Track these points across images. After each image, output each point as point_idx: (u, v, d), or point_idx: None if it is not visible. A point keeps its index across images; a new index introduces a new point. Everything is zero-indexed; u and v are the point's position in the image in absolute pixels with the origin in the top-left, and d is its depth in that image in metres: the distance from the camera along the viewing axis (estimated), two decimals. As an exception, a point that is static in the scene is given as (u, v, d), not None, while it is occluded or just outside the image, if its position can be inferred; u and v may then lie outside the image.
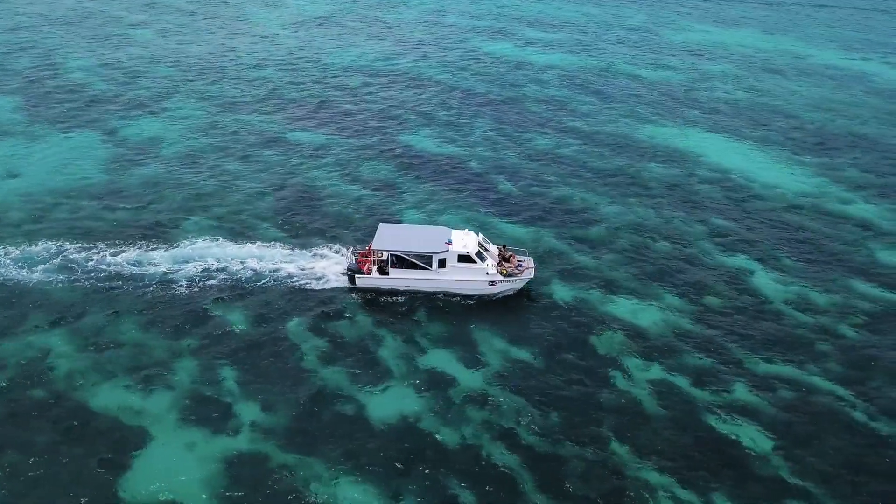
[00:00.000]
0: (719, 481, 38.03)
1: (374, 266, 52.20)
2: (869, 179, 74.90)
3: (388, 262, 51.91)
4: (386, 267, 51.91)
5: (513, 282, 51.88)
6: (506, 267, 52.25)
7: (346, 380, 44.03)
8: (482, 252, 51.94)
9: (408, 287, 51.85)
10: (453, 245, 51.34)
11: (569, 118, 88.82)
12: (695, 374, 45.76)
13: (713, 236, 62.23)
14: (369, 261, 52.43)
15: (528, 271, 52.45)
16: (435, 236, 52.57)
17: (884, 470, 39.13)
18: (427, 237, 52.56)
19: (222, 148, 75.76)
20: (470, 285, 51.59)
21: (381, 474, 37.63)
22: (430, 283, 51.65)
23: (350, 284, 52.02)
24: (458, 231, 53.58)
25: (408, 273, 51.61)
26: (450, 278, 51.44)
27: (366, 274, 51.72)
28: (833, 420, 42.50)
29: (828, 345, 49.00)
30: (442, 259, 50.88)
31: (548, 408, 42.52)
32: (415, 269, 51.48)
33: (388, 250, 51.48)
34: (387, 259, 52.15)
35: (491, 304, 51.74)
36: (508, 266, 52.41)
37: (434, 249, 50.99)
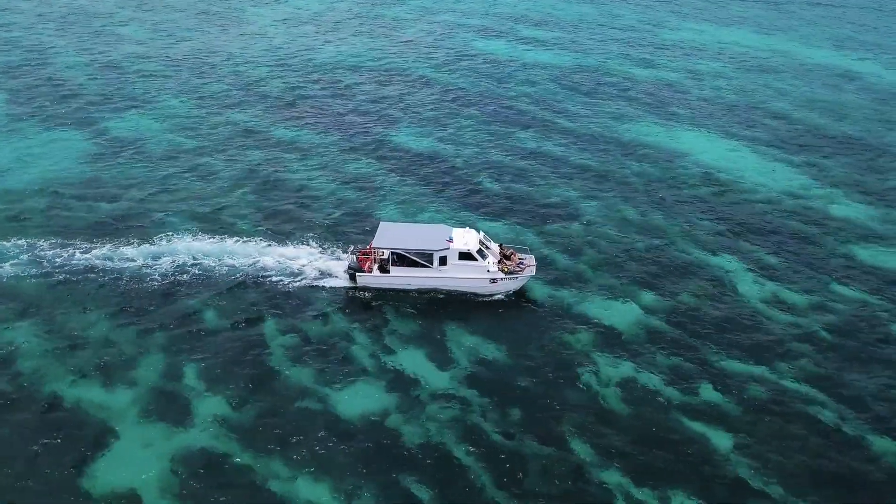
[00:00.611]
0: (679, 481, 37.81)
1: (374, 264, 51.92)
2: (855, 179, 74.46)
3: (389, 260, 51.63)
4: (387, 265, 51.67)
5: (514, 279, 51.71)
6: (507, 265, 52.06)
7: (314, 377, 43.96)
8: (483, 250, 51.78)
9: (409, 285, 51.66)
10: (454, 243, 51.14)
11: (556, 116, 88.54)
12: (664, 373, 45.53)
13: (693, 235, 61.93)
14: (370, 259, 52.19)
15: (530, 269, 52.28)
16: (436, 234, 52.42)
17: (847, 472, 38.88)
18: (428, 235, 52.40)
19: (203, 144, 75.76)
20: (471, 283, 51.42)
21: (340, 473, 37.53)
22: (431, 281, 51.48)
23: (351, 283, 51.81)
24: (459, 229, 53.39)
25: (409, 271, 51.46)
26: (451, 276, 51.26)
27: (367, 272, 51.52)
28: (800, 421, 42.23)
29: (801, 345, 48.71)
30: (443, 257, 50.73)
31: (514, 406, 42.37)
32: (416, 266, 51.27)
33: (390, 248, 51.27)
34: (387, 257, 51.87)
35: (468, 301, 51.55)
36: (509, 264, 52.23)
37: (435, 247, 50.83)
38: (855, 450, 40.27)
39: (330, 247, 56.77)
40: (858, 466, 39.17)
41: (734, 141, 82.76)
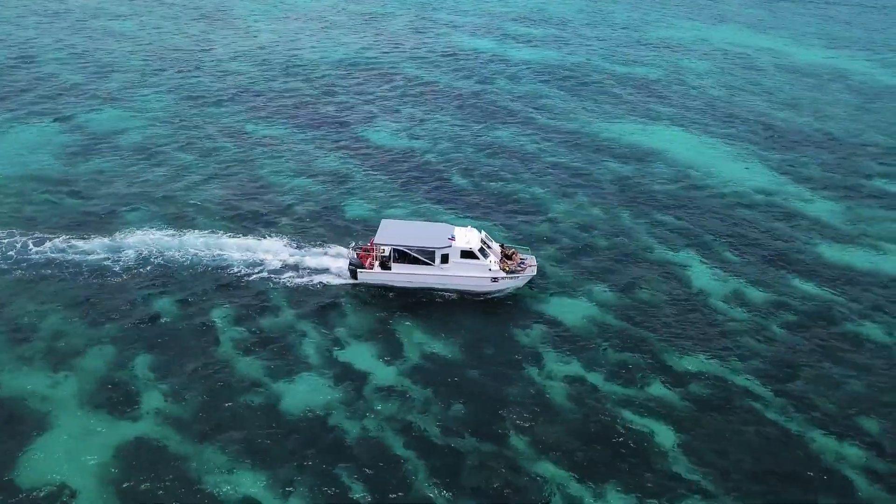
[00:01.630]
0: (615, 476, 37.84)
1: (376, 261, 51.99)
2: (829, 178, 74.21)
3: (391, 257, 51.70)
4: (388, 262, 51.71)
5: (515, 279, 51.74)
6: (508, 264, 52.15)
7: (262, 370, 44.10)
8: (485, 249, 51.83)
9: (410, 283, 51.69)
10: (456, 241, 51.20)
11: (534, 113, 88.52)
12: (612, 368, 45.55)
13: (658, 232, 61.87)
14: (371, 256, 52.26)
15: (531, 269, 52.33)
16: (437, 232, 52.50)
17: (786, 469, 38.81)
18: (430, 233, 52.49)
19: (180, 139, 76.05)
20: (472, 281, 51.46)
21: (277, 465, 37.66)
22: (432, 279, 51.53)
23: (352, 279, 51.88)
24: (461, 228, 53.46)
25: (410, 268, 51.50)
26: (452, 274, 51.26)
27: (368, 269, 51.66)
28: (744, 417, 42.18)
29: (754, 341, 48.63)
30: (445, 255, 50.77)
31: (458, 401, 42.44)
32: (418, 264, 51.38)
33: (392, 245, 51.31)
34: (388, 254, 51.92)
35: (421, 296, 51.65)
36: (511, 263, 52.31)
37: (437, 245, 50.90)
38: (795, 448, 40.19)
39: (294, 240, 56.91)
40: (796, 464, 39.11)
41: (711, 139, 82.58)
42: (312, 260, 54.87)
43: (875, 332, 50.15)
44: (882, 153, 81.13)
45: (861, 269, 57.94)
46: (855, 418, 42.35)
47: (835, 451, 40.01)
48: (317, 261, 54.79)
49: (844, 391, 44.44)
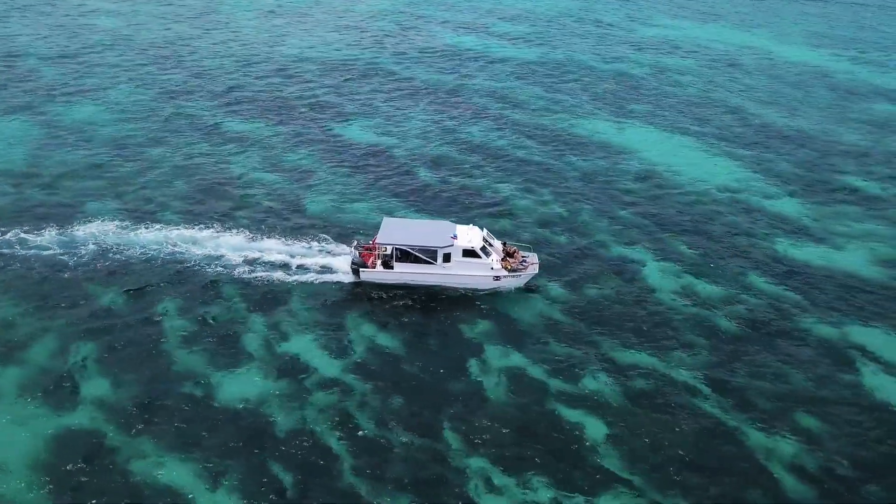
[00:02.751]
0: (543, 469, 38.00)
1: (378, 260, 52.13)
2: (798, 175, 74.13)
3: (393, 256, 51.84)
4: (390, 261, 51.86)
5: (517, 277, 51.91)
6: (510, 262, 52.33)
7: (204, 362, 44.40)
8: (487, 247, 52.02)
9: (412, 281, 51.87)
10: (458, 240, 51.38)
11: (509, 110, 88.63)
12: (554, 363, 45.70)
13: (617, 228, 61.96)
14: (373, 255, 52.40)
15: (533, 267, 52.46)
16: (440, 231, 52.67)
17: (715, 464, 38.90)
18: (432, 231, 52.67)
19: (151, 134, 76.45)
20: (474, 280, 51.65)
21: (206, 456, 37.94)
22: (435, 278, 51.71)
23: (355, 278, 52.01)
24: (463, 226, 53.60)
25: (412, 267, 51.69)
26: (455, 273, 51.47)
27: (370, 268, 51.85)
28: (681, 412, 42.28)
29: (699, 336, 48.73)
30: (447, 253, 50.96)
31: (396, 395, 42.64)
32: (419, 263, 51.58)
33: (394, 244, 51.45)
34: (391, 253, 52.08)
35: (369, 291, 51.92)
36: (513, 262, 52.48)
37: (439, 243, 51.08)
38: (728, 442, 40.28)
39: (252, 235, 57.07)
40: (727, 459, 39.19)
41: (683, 136, 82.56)
42: (269, 255, 55.15)
43: (822, 328, 50.17)
44: (855, 151, 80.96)
45: (817, 266, 57.92)
46: (791, 414, 42.41)
47: (767, 446, 40.09)
48: (274, 256, 55.07)
49: (784, 387, 44.50)
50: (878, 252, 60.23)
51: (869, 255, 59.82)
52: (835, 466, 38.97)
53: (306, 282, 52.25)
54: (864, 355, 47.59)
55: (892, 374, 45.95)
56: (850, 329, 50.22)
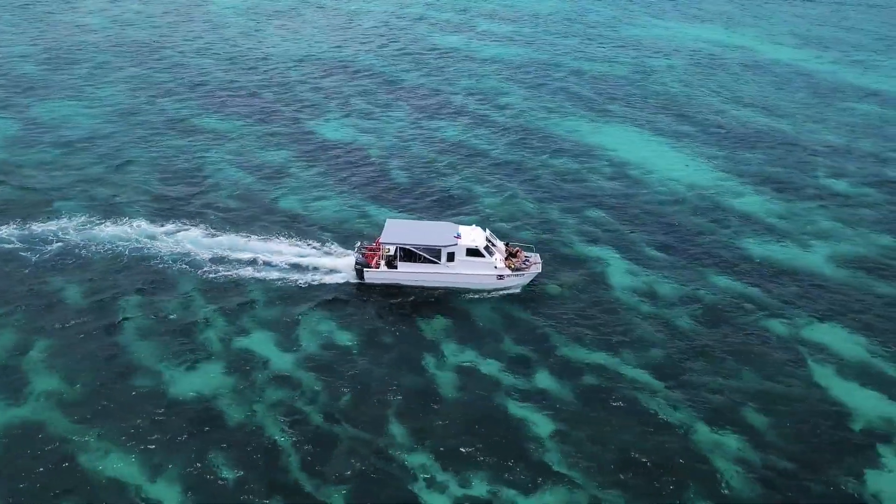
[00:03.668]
0: (484, 465, 38.23)
1: (382, 260, 52.35)
2: (771, 175, 74.18)
3: (397, 256, 52.09)
4: (394, 261, 52.14)
5: (520, 276, 52.21)
6: (513, 262, 52.64)
7: (158, 357, 44.69)
8: (490, 247, 52.35)
9: (416, 281, 52.15)
10: (462, 239, 51.69)
11: (489, 110, 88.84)
12: (506, 360, 45.91)
13: (584, 227, 62.15)
14: (377, 255, 52.66)
15: (536, 266, 52.81)
16: (443, 231, 53.04)
17: (659, 460, 39.07)
18: (435, 231, 53.04)
19: (128, 132, 76.86)
20: (478, 279, 51.95)
21: (151, 449, 38.26)
22: (438, 277, 52.03)
23: (358, 279, 52.22)
24: (465, 226, 53.99)
25: (417, 267, 52.00)
26: (459, 272, 51.78)
27: (374, 268, 52.12)
28: (629, 409, 42.47)
29: (656, 334, 48.91)
30: (451, 253, 51.29)
31: (346, 390, 42.92)
32: (424, 262, 51.87)
33: (398, 244, 51.73)
34: (394, 253, 52.36)
35: (326, 287, 52.18)
36: (515, 261, 52.81)
37: (443, 243, 51.38)
38: (675, 438, 40.45)
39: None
40: (671, 455, 39.37)
41: (659, 136, 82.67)
42: (235, 252, 55.42)
43: (779, 326, 50.31)
44: (831, 151, 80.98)
45: (780, 265, 58.03)
46: (739, 410, 42.59)
47: (711, 442, 40.28)
48: (238, 254, 55.32)
49: (734, 383, 44.66)
50: (842, 251, 60.33)
51: (833, 254, 59.92)
52: (777, 462, 39.16)
53: (269, 279, 52.48)
54: (817, 353, 47.72)
55: (843, 372, 46.08)
56: (806, 327, 50.35)
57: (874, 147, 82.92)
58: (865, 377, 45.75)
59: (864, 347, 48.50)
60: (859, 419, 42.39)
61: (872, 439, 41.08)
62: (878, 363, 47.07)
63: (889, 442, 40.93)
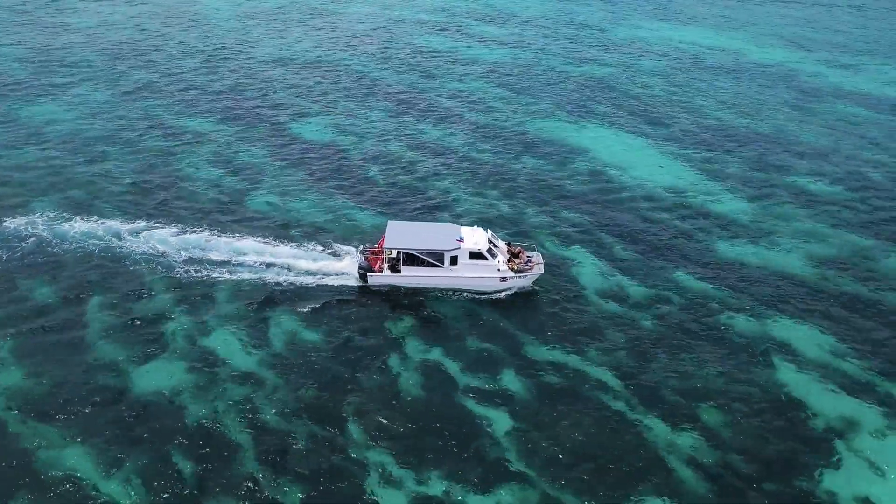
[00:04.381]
0: (441, 462, 38.56)
1: (385, 264, 52.54)
2: (747, 176, 74.43)
3: (400, 259, 52.25)
4: (397, 265, 52.33)
5: (523, 277, 52.45)
6: (515, 263, 52.88)
7: (124, 354, 45.00)
8: (492, 248, 52.64)
9: (420, 284, 52.35)
10: (464, 242, 51.93)
11: (471, 111, 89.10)
12: (470, 359, 46.21)
13: (557, 228, 62.43)
14: (380, 259, 52.84)
15: (538, 267, 53.05)
16: (445, 233, 53.19)
17: (613, 457, 39.41)
18: (437, 234, 53.16)
19: (107, 132, 77.13)
20: (481, 282, 52.20)
21: (108, 443, 38.59)
22: (442, 281, 52.25)
23: (362, 283, 52.39)
24: (467, 228, 54.25)
25: (420, 270, 52.17)
26: (462, 275, 52.02)
27: (377, 272, 52.30)
28: (587, 407, 42.79)
29: (619, 333, 49.19)
30: (454, 256, 51.46)
31: (308, 388, 43.24)
32: (427, 266, 52.03)
33: (401, 248, 51.87)
34: (397, 256, 52.45)
35: (294, 284, 52.46)
36: (518, 262, 53.04)
37: (446, 246, 51.56)
38: (630, 436, 40.77)
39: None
40: (625, 452, 39.71)
41: (638, 138, 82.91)
42: (205, 252, 55.74)
43: (745, 325, 50.59)
44: (809, 153, 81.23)
45: (751, 265, 58.32)
46: (698, 409, 42.86)
47: (667, 440, 40.57)
48: (209, 253, 55.63)
49: (696, 382, 44.93)
50: (813, 251, 60.59)
51: (804, 254, 60.17)
52: (732, 460, 39.45)
53: (239, 278, 52.76)
54: (780, 352, 48.00)
55: (805, 371, 46.35)
56: (772, 327, 50.62)
57: (854, 148, 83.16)
58: (827, 376, 46.01)
59: (828, 346, 48.77)
60: (818, 418, 42.66)
61: (830, 437, 41.39)
62: (840, 362, 47.33)
63: (846, 440, 41.19)
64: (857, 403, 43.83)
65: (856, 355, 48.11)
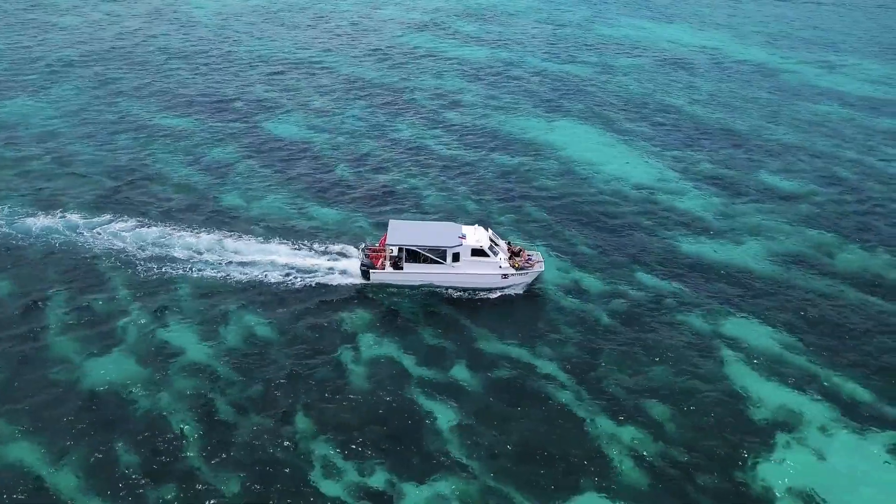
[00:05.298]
0: (385, 454, 39.04)
1: (387, 261, 52.98)
2: (717, 174, 74.84)
3: (403, 257, 52.62)
4: (400, 262, 52.78)
5: (524, 275, 52.97)
6: (516, 261, 53.46)
7: (76, 348, 45.45)
8: (494, 246, 53.18)
9: (422, 281, 52.85)
10: (466, 240, 52.46)
11: (446, 109, 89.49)
12: (423, 353, 46.68)
13: (521, 225, 62.88)
14: (382, 256, 53.28)
15: (539, 265, 53.61)
16: (447, 231, 53.77)
17: (556, 451, 39.81)
18: (439, 232, 53.74)
19: (80, 129, 77.57)
20: (483, 279, 52.67)
21: (57, 435, 39.04)
22: (444, 278, 52.73)
23: (364, 280, 52.88)
24: (468, 226, 54.79)
25: (422, 268, 52.68)
26: (464, 272, 52.50)
27: (379, 269, 52.76)
28: (534, 401, 43.25)
29: (574, 330, 49.60)
30: (456, 253, 52.00)
31: (257, 382, 43.62)
32: (429, 263, 52.54)
33: (404, 245, 52.32)
34: (397, 254, 52.86)
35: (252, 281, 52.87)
36: (519, 260, 53.63)
37: (449, 244, 52.11)
38: (574, 430, 41.20)
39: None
40: (569, 446, 40.12)
41: (611, 135, 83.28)
42: (168, 248, 56.15)
43: (698, 320, 51.02)
44: (781, 150, 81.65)
45: (710, 261, 58.74)
46: (643, 403, 43.27)
47: (612, 434, 40.98)
48: (169, 250, 56.00)
49: (643, 377, 45.38)
50: (774, 248, 61.04)
51: (765, 250, 60.62)
52: (673, 453, 39.89)
53: (199, 276, 53.12)
54: (731, 347, 48.44)
55: (753, 365, 46.81)
56: (725, 322, 51.06)
57: (827, 147, 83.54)
58: (774, 370, 46.48)
59: (779, 341, 49.23)
60: (762, 411, 43.11)
61: (772, 431, 41.80)
62: (789, 356, 47.79)
63: (788, 433, 41.64)
64: (802, 397, 44.28)
65: (805, 350, 48.56)
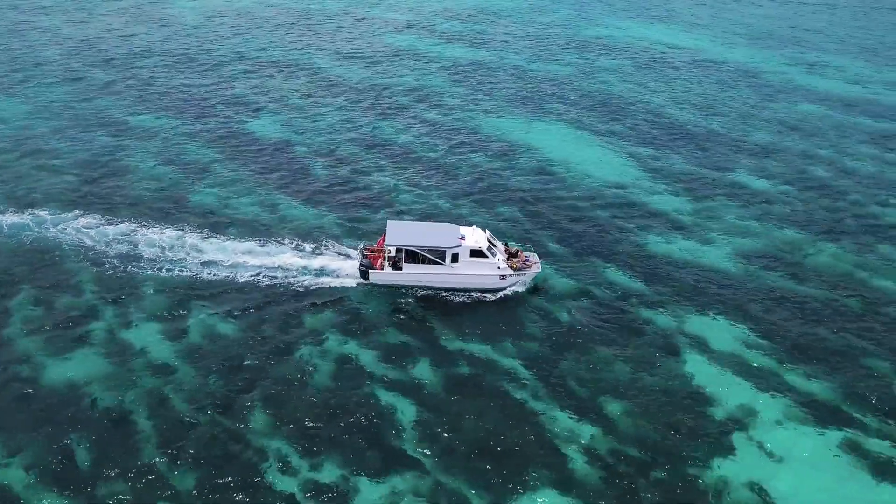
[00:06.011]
0: (340, 450, 39.24)
1: (387, 262, 53.17)
2: (690, 173, 75.17)
3: (402, 257, 52.83)
4: (399, 262, 52.98)
5: (522, 275, 53.27)
6: (514, 262, 53.75)
7: (39, 346, 45.55)
8: (492, 247, 53.50)
9: (420, 282, 53.06)
10: (465, 241, 52.75)
11: (425, 109, 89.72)
12: (386, 350, 46.88)
13: (492, 224, 62.95)
14: (381, 256, 53.46)
15: (536, 266, 53.95)
16: (446, 232, 54.07)
17: (512, 446, 40.06)
18: (438, 233, 54.05)
19: (57, 128, 77.71)
20: (482, 279, 52.96)
21: (13, 431, 39.12)
22: (443, 278, 52.96)
23: (363, 280, 53.06)
24: (466, 227, 55.14)
25: (421, 268, 52.92)
26: (462, 273, 52.74)
27: (378, 269, 52.94)
28: (494, 397, 43.49)
29: (537, 327, 49.87)
30: (455, 254, 52.26)
31: (217, 378, 43.80)
32: (428, 263, 52.76)
33: (404, 246, 52.56)
34: (395, 255, 53.06)
35: (216, 280, 53.03)
36: (516, 261, 53.93)
37: (448, 244, 52.38)
38: (531, 427, 41.37)
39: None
40: (525, 442, 40.34)
41: (588, 135, 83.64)
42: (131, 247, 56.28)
43: (663, 319, 51.30)
44: (757, 150, 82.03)
45: (679, 260, 59.04)
46: (600, 400, 43.53)
47: (568, 431, 41.20)
48: (138, 248, 56.15)
49: (603, 374, 45.64)
50: (742, 247, 61.35)
51: (733, 250, 60.92)
52: (627, 450, 40.13)
53: (168, 275, 53.24)
54: (693, 345, 48.72)
55: (713, 364, 47.08)
56: (689, 320, 51.35)
57: (805, 146, 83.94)
58: (734, 368, 46.75)
59: (740, 339, 49.53)
60: (719, 408, 43.40)
61: (728, 427, 42.10)
62: (750, 354, 48.08)
63: (744, 430, 41.92)
64: (759, 394, 44.57)
65: (766, 348, 48.84)
